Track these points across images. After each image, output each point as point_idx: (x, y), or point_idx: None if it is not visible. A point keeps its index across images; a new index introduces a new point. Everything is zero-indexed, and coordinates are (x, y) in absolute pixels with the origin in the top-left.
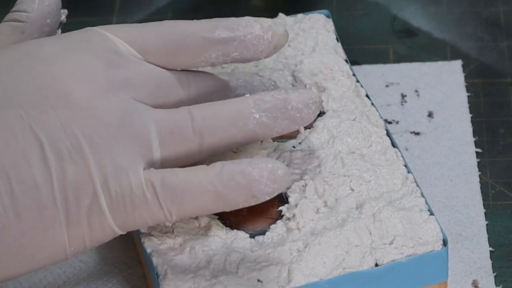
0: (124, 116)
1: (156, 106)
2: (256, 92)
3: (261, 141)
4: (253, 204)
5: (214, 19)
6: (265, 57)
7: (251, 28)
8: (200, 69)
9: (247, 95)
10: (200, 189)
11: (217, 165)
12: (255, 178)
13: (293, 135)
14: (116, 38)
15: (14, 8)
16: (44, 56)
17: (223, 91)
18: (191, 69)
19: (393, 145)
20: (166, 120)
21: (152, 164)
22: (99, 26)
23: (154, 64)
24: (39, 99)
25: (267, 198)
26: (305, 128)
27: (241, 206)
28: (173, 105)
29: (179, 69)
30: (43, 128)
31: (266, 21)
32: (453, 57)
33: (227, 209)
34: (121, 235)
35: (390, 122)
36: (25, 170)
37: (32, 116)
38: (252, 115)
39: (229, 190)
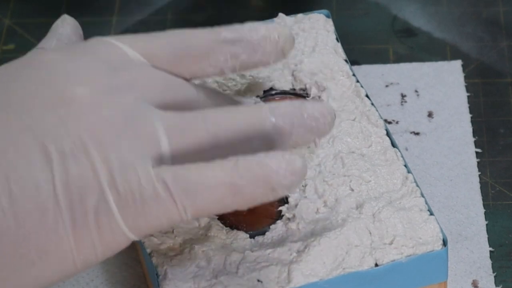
0: (128, 114)
1: (165, 109)
2: None
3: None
4: (272, 199)
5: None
6: (274, 61)
7: (256, 29)
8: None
9: (260, 102)
10: (215, 180)
11: (232, 158)
12: (273, 168)
13: None
14: (122, 44)
15: (36, 46)
16: (45, 62)
17: (233, 104)
18: (199, 79)
19: (393, 145)
20: (175, 118)
21: (162, 162)
22: (106, 37)
23: (162, 69)
24: (39, 101)
25: (286, 193)
26: None
27: (259, 201)
28: (183, 108)
29: (187, 77)
30: (43, 128)
31: (270, 23)
32: (453, 57)
33: (245, 205)
34: None
35: (390, 122)
36: (24, 170)
37: (32, 117)
38: (268, 118)
39: (246, 181)
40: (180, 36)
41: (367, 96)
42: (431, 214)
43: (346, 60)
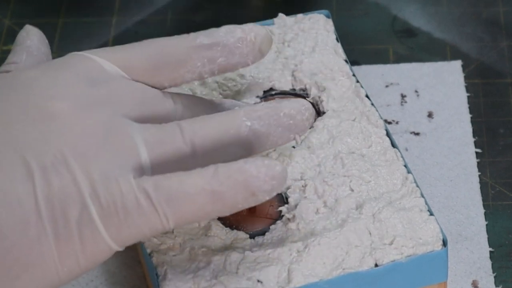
0: (108, 127)
1: (143, 121)
2: None
3: None
4: (253, 204)
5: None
6: (252, 62)
7: (232, 32)
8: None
9: (236, 107)
10: (196, 188)
11: (212, 166)
12: (252, 174)
13: None
14: (99, 59)
15: (6, 61)
16: (24, 79)
17: (211, 111)
18: (178, 86)
19: (393, 145)
20: (153, 130)
21: (143, 173)
22: (82, 51)
23: (140, 82)
24: (19, 116)
25: (267, 198)
26: None
27: (240, 207)
28: (160, 121)
29: (166, 85)
30: (24, 143)
31: (246, 25)
32: (453, 57)
33: (227, 211)
34: None
35: (390, 122)
36: (6, 184)
37: (12, 132)
38: (244, 122)
39: (226, 188)
40: (156, 45)
41: (367, 96)
42: (431, 214)
43: (346, 60)
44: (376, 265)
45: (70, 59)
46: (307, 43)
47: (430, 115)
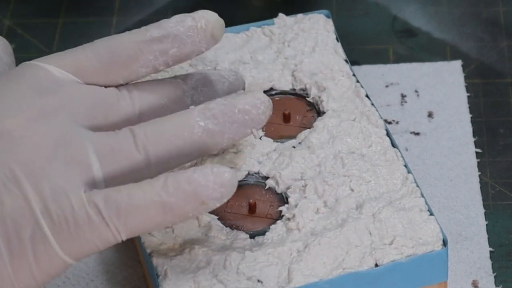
0: (59, 140)
1: (96, 127)
2: (215, 87)
3: (260, 139)
4: (203, 212)
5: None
6: (206, 49)
7: (182, 21)
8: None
9: (192, 106)
10: (145, 201)
11: (161, 177)
12: (201, 183)
13: (292, 135)
14: (50, 66)
15: None
16: None
17: (175, 96)
18: (135, 81)
19: (393, 145)
20: (105, 139)
21: (95, 185)
22: (34, 60)
23: (93, 84)
24: None
25: (217, 205)
26: (305, 128)
27: (191, 216)
28: (116, 124)
29: (122, 82)
30: None
31: (197, 12)
32: (453, 57)
33: (177, 220)
34: None
35: (390, 122)
36: None
37: None
38: (197, 123)
39: (175, 198)
40: (106, 44)
41: (367, 96)
42: (431, 214)
43: (346, 60)
44: (376, 265)
45: (21, 70)
46: (307, 43)
47: (430, 115)
